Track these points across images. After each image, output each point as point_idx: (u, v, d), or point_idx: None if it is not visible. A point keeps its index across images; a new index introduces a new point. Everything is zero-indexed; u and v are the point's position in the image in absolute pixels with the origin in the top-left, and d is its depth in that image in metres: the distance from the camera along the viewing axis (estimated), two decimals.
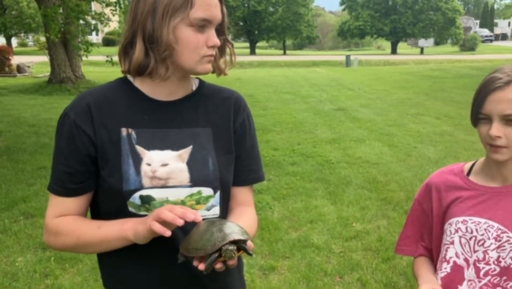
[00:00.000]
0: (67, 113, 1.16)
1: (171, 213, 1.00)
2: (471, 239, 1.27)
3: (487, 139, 1.22)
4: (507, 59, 26.59)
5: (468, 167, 1.38)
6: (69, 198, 1.16)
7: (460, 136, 7.49)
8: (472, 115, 1.26)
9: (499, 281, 1.24)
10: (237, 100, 1.30)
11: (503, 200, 1.27)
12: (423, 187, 1.43)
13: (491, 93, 1.19)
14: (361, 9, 43.30)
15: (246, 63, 26.23)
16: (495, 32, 59.22)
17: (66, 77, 13.19)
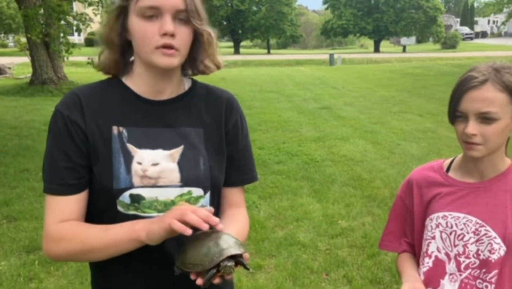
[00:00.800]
0: (59, 109, 1.15)
1: (196, 216, 0.98)
2: (451, 233, 1.31)
3: (463, 137, 1.25)
4: (487, 57, 27.00)
5: (447, 163, 1.42)
6: (70, 196, 1.13)
7: (442, 133, 7.59)
8: (449, 113, 1.29)
9: (479, 273, 1.28)
10: (230, 101, 1.29)
11: (480, 195, 1.31)
12: (405, 184, 1.46)
13: (467, 92, 1.22)
14: (344, 8, 43.54)
15: (231, 63, 26.16)
16: (475, 30, 60.08)
17: (48, 78, 13.00)
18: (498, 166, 1.31)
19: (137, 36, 1.11)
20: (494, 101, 1.20)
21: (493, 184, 1.30)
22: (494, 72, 1.22)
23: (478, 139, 1.22)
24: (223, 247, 0.99)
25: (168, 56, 1.10)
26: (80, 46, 13.53)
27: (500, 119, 1.21)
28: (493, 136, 1.22)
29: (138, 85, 1.19)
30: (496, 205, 1.28)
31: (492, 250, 1.25)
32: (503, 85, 1.20)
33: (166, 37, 1.08)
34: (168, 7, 1.08)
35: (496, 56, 26.94)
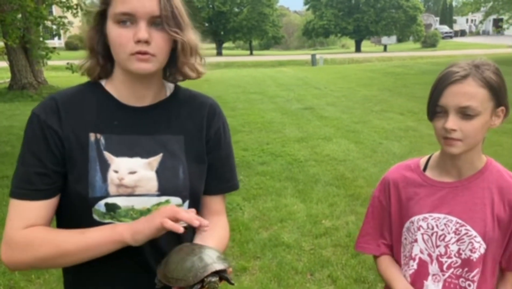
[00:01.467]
0: (36, 113, 1.12)
1: (188, 214, 1.00)
2: (432, 235, 1.31)
3: (443, 133, 1.24)
4: (466, 55, 27.40)
5: (424, 161, 1.41)
6: (37, 202, 1.09)
7: (424, 131, 7.67)
8: (428, 109, 1.28)
9: (461, 272, 1.29)
10: (212, 108, 1.27)
11: (459, 194, 1.31)
12: (381, 183, 1.45)
13: (448, 86, 1.22)
14: (325, 9, 43.77)
15: (213, 64, 26.09)
16: (455, 29, 60.95)
17: (27, 83, 12.80)
18: (475, 164, 1.32)
19: (113, 43, 1.09)
20: (475, 96, 1.20)
21: (471, 182, 1.31)
22: (475, 68, 1.22)
23: (458, 135, 1.22)
24: (207, 262, 0.98)
25: (143, 61, 1.07)
26: (60, 50, 13.37)
27: (480, 115, 1.21)
28: (472, 132, 1.22)
29: (118, 90, 1.17)
30: (475, 204, 1.29)
31: (473, 249, 1.27)
32: (484, 81, 1.21)
33: (140, 44, 1.06)
34: (142, 14, 1.06)
35: (475, 54, 27.34)
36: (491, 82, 1.22)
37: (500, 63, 5.49)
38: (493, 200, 1.28)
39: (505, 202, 1.28)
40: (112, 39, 1.09)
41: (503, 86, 1.25)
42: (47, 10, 8.61)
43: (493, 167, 1.34)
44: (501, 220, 1.28)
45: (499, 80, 1.24)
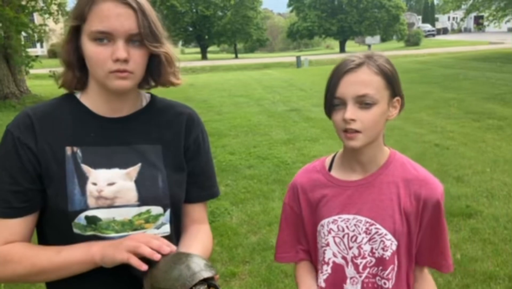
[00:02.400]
0: (10, 130, 1.10)
1: (149, 248, 0.98)
2: (344, 237, 1.29)
3: (342, 125, 1.21)
4: (449, 52, 27.76)
5: (329, 161, 1.38)
6: (14, 220, 1.09)
7: (409, 129, 7.73)
8: (326, 103, 1.25)
9: (377, 271, 1.28)
10: (190, 116, 1.27)
11: (366, 192, 1.29)
12: (290, 189, 1.41)
13: (344, 75, 1.20)
14: (308, 10, 43.98)
15: (198, 68, 26.03)
16: (437, 27, 61.69)
17: (10, 92, 12.62)
18: (378, 158, 1.30)
19: (90, 60, 1.08)
20: (371, 83, 1.19)
21: (376, 178, 1.29)
22: (368, 58, 1.23)
23: (357, 126, 1.19)
24: (194, 271, 0.97)
25: (122, 79, 1.07)
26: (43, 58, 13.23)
27: (378, 104, 1.20)
28: (371, 122, 1.20)
29: (94, 103, 1.16)
30: (382, 200, 1.27)
31: (385, 247, 1.25)
32: (378, 68, 1.21)
33: (119, 63, 1.06)
34: (120, 33, 1.05)
35: (457, 51, 27.70)
36: (385, 70, 1.21)
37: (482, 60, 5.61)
38: (399, 194, 1.26)
39: (411, 194, 1.26)
40: (89, 56, 1.08)
41: (396, 76, 1.25)
42: (28, 18, 8.52)
43: (397, 160, 1.32)
44: (409, 214, 1.26)
45: (392, 69, 1.24)
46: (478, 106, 9.43)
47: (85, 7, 1.05)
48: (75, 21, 1.08)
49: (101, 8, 1.04)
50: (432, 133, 7.45)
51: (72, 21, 1.08)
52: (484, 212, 4.23)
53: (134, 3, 1.06)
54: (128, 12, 1.06)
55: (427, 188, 1.27)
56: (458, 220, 4.09)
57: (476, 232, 3.84)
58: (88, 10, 1.05)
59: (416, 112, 9.19)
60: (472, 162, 5.76)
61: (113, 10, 1.04)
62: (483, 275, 3.18)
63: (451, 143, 6.70)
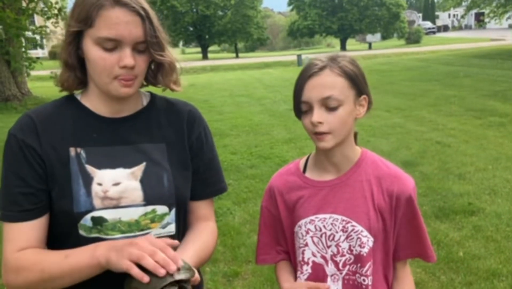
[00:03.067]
0: (13, 133, 1.11)
1: (153, 261, 0.94)
2: (322, 236, 1.30)
3: (311, 128, 1.24)
4: (450, 49, 27.70)
5: (303, 162, 1.40)
6: (28, 222, 1.09)
7: (411, 127, 7.73)
8: (294, 108, 1.28)
9: (356, 268, 1.29)
10: (191, 114, 1.27)
11: (340, 191, 1.31)
12: (267, 192, 1.42)
13: (308, 80, 1.23)
14: (309, 9, 43.93)
15: (199, 68, 26.02)
16: (437, 24, 61.61)
17: (11, 94, 12.65)
18: (350, 157, 1.32)
19: (94, 65, 1.08)
20: (334, 85, 1.21)
21: (350, 177, 1.31)
22: (331, 60, 1.25)
23: (325, 128, 1.22)
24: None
25: (127, 86, 1.09)
26: (44, 59, 13.24)
27: (343, 105, 1.22)
28: (339, 123, 1.22)
29: (95, 104, 1.17)
30: (356, 198, 1.29)
31: (362, 244, 1.27)
32: (341, 70, 1.23)
33: (125, 70, 1.07)
34: (128, 40, 1.06)
35: (459, 48, 27.65)
36: (348, 71, 1.23)
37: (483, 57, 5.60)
38: (372, 192, 1.29)
39: (384, 191, 1.29)
40: (93, 61, 1.08)
41: (360, 75, 1.28)
42: (28, 20, 8.53)
43: (368, 158, 1.34)
44: (383, 210, 1.28)
45: (356, 69, 1.26)
46: (479, 104, 9.42)
47: (92, 12, 1.05)
48: (79, 24, 1.07)
49: (109, 15, 1.04)
50: (434, 131, 7.45)
51: (76, 24, 1.07)
52: (486, 209, 4.22)
53: (142, 10, 1.07)
54: (136, 20, 1.06)
55: (399, 184, 1.29)
56: (461, 217, 4.09)
57: (479, 230, 3.84)
58: (95, 15, 1.04)
59: (417, 110, 9.19)
60: (474, 159, 5.75)
61: (122, 17, 1.04)
62: (486, 272, 3.18)
63: (453, 141, 6.70)
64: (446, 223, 3.99)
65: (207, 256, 1.23)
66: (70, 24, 1.08)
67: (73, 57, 1.12)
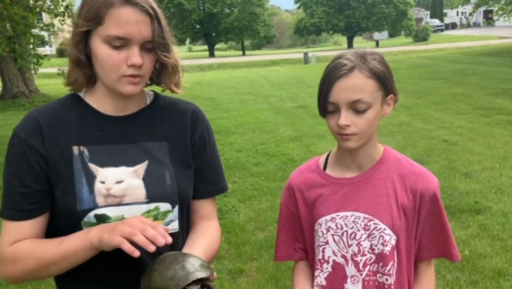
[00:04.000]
0: (17, 133, 1.12)
1: (143, 237, 0.96)
2: (343, 234, 1.28)
3: (337, 129, 1.21)
4: (458, 47, 27.54)
5: (323, 160, 1.38)
6: (25, 221, 1.10)
7: (417, 125, 7.70)
8: (319, 106, 1.25)
9: (378, 268, 1.27)
10: (194, 113, 1.28)
11: (362, 188, 1.29)
12: (286, 189, 1.41)
13: (336, 81, 1.19)
14: (316, 6, 43.84)
15: (206, 66, 26.07)
16: (445, 22, 61.23)
17: (19, 92, 12.77)
18: (373, 155, 1.30)
19: (102, 63, 1.09)
20: (364, 88, 1.18)
21: (372, 175, 1.29)
22: (360, 59, 1.20)
23: (352, 130, 1.20)
24: (189, 271, 0.99)
25: (134, 84, 1.10)
26: (52, 57, 13.33)
27: (371, 108, 1.20)
28: (366, 126, 1.20)
29: (99, 102, 1.17)
30: (379, 196, 1.27)
31: (384, 242, 1.25)
32: (371, 71, 1.19)
33: (133, 68, 1.08)
34: (137, 39, 1.07)
35: (467, 46, 27.46)
36: (378, 72, 1.20)
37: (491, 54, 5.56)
38: (395, 189, 1.26)
39: (407, 189, 1.27)
40: (102, 59, 1.08)
41: (389, 74, 1.24)
42: (35, 18, 8.57)
43: (391, 156, 1.32)
44: (406, 208, 1.26)
45: (385, 69, 1.23)
46: (487, 102, 9.36)
47: (102, 10, 1.05)
48: (88, 23, 1.07)
49: (119, 14, 1.05)
50: (440, 129, 7.41)
51: (85, 23, 1.08)
52: (493, 208, 4.20)
53: (151, 10, 1.08)
54: (145, 20, 1.07)
55: (422, 182, 1.27)
56: (467, 216, 4.07)
57: (485, 228, 3.82)
58: (105, 13, 1.05)
59: (424, 108, 9.15)
60: (481, 158, 5.72)
61: (132, 16, 1.05)
62: (491, 271, 3.16)
63: (460, 139, 6.66)
64: (452, 222, 3.97)
65: (213, 255, 1.24)
66: (78, 23, 1.09)
67: (83, 55, 1.12)
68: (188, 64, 25.71)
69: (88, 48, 1.11)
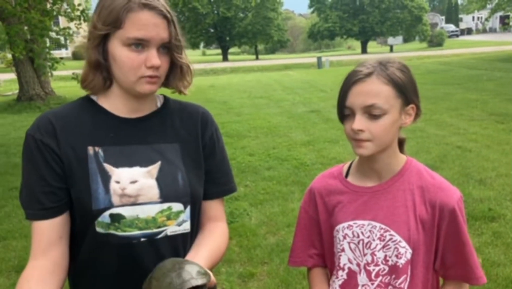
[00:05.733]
0: (31, 134, 1.14)
1: None
2: (359, 243, 1.28)
3: (351, 134, 1.21)
4: (473, 53, 27.26)
5: (347, 167, 1.38)
6: (50, 221, 1.12)
7: (431, 131, 7.63)
8: (338, 111, 1.25)
9: (390, 280, 1.25)
10: (204, 115, 1.30)
11: (381, 198, 1.27)
12: (307, 194, 1.41)
13: (353, 86, 1.19)
14: (330, 11, 43.80)
15: (219, 70, 26.17)
16: (461, 27, 60.69)
17: (35, 94, 12.93)
18: (393, 166, 1.28)
19: (121, 64, 1.11)
20: (379, 94, 1.17)
21: (391, 185, 1.27)
22: (380, 65, 1.20)
23: (366, 136, 1.19)
24: (184, 279, 1.00)
25: (152, 84, 1.13)
26: (67, 60, 13.49)
27: (387, 114, 1.18)
28: (380, 132, 1.18)
29: (113, 104, 1.20)
30: (397, 207, 1.25)
31: (399, 255, 1.23)
32: (388, 78, 1.18)
33: (151, 69, 1.11)
34: (155, 41, 1.11)
35: (481, 51, 27.19)
36: (396, 79, 1.18)
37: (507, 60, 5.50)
38: (414, 202, 1.25)
39: (426, 202, 1.24)
40: (121, 61, 1.11)
41: (410, 83, 1.22)
42: (51, 21, 8.70)
43: (413, 167, 1.30)
44: (425, 222, 1.24)
45: (405, 77, 1.21)
46: (502, 108, 9.24)
47: (122, 14, 1.08)
48: (107, 27, 1.10)
49: (139, 17, 1.08)
50: (454, 135, 7.34)
51: (104, 26, 1.10)
52: (507, 216, 4.14)
53: (168, 14, 1.12)
54: (163, 23, 1.11)
55: (442, 195, 1.24)
56: (480, 223, 4.02)
57: (499, 236, 3.77)
58: (124, 17, 1.08)
59: (438, 114, 9.07)
60: (495, 164, 5.65)
61: (151, 19, 1.09)
62: (505, 280, 3.12)
63: (474, 146, 6.59)
64: None
65: (219, 258, 1.25)
66: (97, 26, 1.11)
67: (101, 58, 1.15)
68: (201, 68, 25.83)
69: (106, 51, 1.14)
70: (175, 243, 1.19)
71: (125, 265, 1.15)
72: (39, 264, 1.11)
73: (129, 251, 1.14)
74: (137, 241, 1.14)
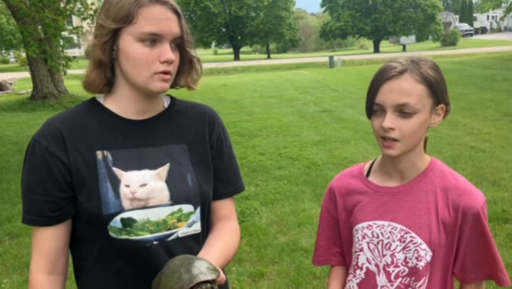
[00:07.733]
0: (37, 140, 1.11)
1: None
2: (378, 243, 1.26)
3: (381, 132, 1.19)
4: (487, 52, 26.93)
5: (368, 167, 1.36)
6: (51, 228, 1.12)
7: (444, 131, 7.55)
8: (366, 106, 1.23)
9: (409, 281, 1.23)
10: (211, 115, 1.29)
11: (402, 199, 1.25)
12: (327, 192, 1.40)
13: (385, 82, 1.17)
14: (342, 10, 43.59)
15: (231, 69, 26.19)
16: (475, 26, 60.04)
17: (49, 92, 13.07)
18: (417, 165, 1.26)
19: (134, 61, 1.09)
20: (412, 93, 1.14)
21: (414, 186, 1.25)
22: (412, 63, 1.17)
23: (396, 134, 1.16)
24: (193, 274, 1.00)
25: (165, 81, 1.12)
26: (80, 58, 13.61)
27: (418, 113, 1.16)
28: (411, 131, 1.16)
29: (119, 106, 1.18)
30: (419, 209, 1.23)
31: (419, 257, 1.21)
32: (421, 76, 1.16)
33: (165, 64, 1.10)
34: (169, 36, 1.10)
35: (496, 51, 26.84)
36: (429, 78, 1.16)
37: None
38: (437, 204, 1.22)
39: (449, 204, 1.22)
40: (134, 57, 1.09)
41: (441, 82, 1.20)
42: (65, 21, 8.77)
43: (437, 168, 1.27)
44: (447, 224, 1.21)
45: (437, 76, 1.19)
46: None
47: (133, 9, 1.07)
48: (118, 23, 1.09)
49: (151, 12, 1.08)
50: (468, 135, 7.26)
51: (115, 22, 1.09)
52: None
53: (179, 9, 1.12)
54: (174, 17, 1.11)
55: (466, 198, 1.21)
56: (494, 224, 3.97)
57: None
58: (136, 12, 1.07)
59: (452, 113, 8.79)
60: (509, 165, 5.58)
61: (164, 14, 1.09)
62: None
63: (488, 146, 6.51)
64: None
65: (231, 256, 1.24)
66: (105, 23, 1.10)
67: (107, 55, 1.13)
68: (213, 67, 25.88)
69: (115, 49, 1.11)
70: (187, 244, 1.18)
71: (138, 268, 1.14)
72: (52, 279, 1.15)
73: (143, 255, 1.13)
74: (150, 244, 1.13)
